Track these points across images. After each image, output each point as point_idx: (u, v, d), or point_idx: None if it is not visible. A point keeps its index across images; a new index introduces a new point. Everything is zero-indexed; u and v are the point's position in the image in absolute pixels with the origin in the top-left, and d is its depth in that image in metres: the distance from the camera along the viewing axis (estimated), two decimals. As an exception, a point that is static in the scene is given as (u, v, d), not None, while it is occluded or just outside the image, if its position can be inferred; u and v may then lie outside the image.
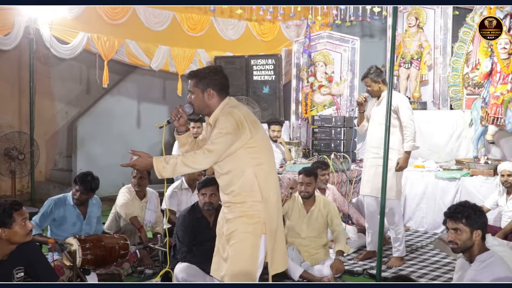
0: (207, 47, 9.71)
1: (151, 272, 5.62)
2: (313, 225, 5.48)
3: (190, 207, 5.31)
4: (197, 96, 3.62)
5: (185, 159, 3.41)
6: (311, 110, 9.34)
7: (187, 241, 5.08)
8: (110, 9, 8.46)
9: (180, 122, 3.73)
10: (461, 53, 8.31)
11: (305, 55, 9.44)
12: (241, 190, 3.55)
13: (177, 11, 9.22)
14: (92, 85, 10.12)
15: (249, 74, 9.41)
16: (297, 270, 5.22)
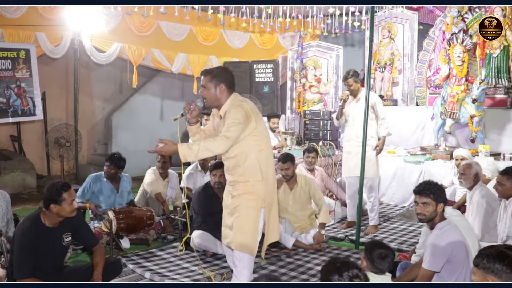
0: (218, 54, 9.73)
1: (172, 237, 5.69)
2: (297, 200, 5.50)
3: (204, 185, 5.36)
4: (210, 91, 3.57)
5: (207, 144, 3.38)
6: (303, 106, 9.36)
7: (202, 213, 5.14)
8: (138, 23, 8.48)
9: (193, 114, 3.67)
10: (424, 60, 8.37)
11: (298, 60, 9.46)
12: (245, 171, 3.56)
13: (193, 24, 9.23)
14: (124, 86, 10.16)
15: (252, 76, 9.44)
16: (289, 240, 5.28)
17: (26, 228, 3.60)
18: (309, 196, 5.52)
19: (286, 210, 5.50)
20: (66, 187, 3.61)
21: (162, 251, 5.18)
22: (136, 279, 4.38)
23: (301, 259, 4.98)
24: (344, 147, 6.11)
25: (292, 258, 5.01)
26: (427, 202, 3.37)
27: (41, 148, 9.05)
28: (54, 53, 7.61)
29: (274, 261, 4.89)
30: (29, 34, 7.29)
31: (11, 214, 5.03)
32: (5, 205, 4.88)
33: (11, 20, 6.99)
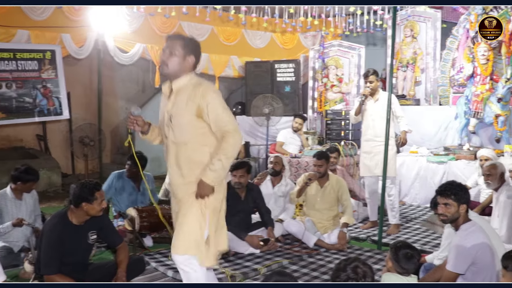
0: (239, 54, 9.74)
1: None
2: (326, 198, 5.49)
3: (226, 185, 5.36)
4: (176, 58, 3.00)
5: (225, 154, 2.94)
6: (324, 105, 9.32)
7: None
8: (161, 24, 8.53)
9: (139, 124, 3.20)
10: (448, 59, 8.23)
11: (320, 60, 9.43)
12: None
13: (215, 25, 9.26)
14: (146, 86, 10.23)
15: (274, 76, 9.42)
16: (312, 239, 5.26)
17: (54, 225, 3.66)
18: (338, 196, 5.49)
19: (313, 207, 5.49)
20: (99, 186, 3.68)
21: (184, 249, 5.20)
22: (158, 277, 4.40)
23: (323, 259, 4.95)
24: (363, 147, 6.08)
25: (314, 257, 4.99)
26: (448, 203, 3.32)
27: (66, 147, 9.18)
28: (79, 54, 7.71)
29: (296, 261, 4.86)
30: (55, 35, 7.40)
31: (39, 211, 5.12)
32: (33, 203, 4.97)
33: (38, 22, 7.11)
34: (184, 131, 3.00)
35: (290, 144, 8.01)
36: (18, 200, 4.82)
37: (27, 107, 7.29)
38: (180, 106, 3.00)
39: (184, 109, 2.97)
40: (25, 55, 7.11)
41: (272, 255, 5.01)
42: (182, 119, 2.99)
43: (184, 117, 2.98)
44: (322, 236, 5.33)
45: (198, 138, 3.00)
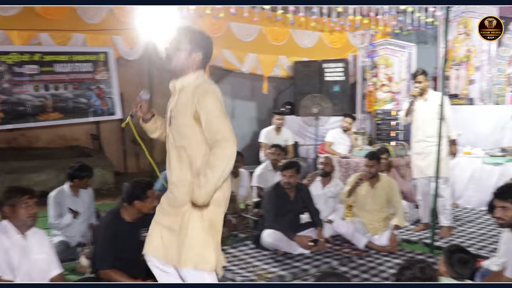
0: (287, 54, 9.70)
1: (243, 236, 5.75)
2: (377, 199, 5.41)
3: (275, 185, 5.37)
4: (181, 53, 2.71)
5: (211, 167, 2.51)
6: (374, 105, 9.18)
7: (273, 212, 5.15)
8: (210, 25, 8.59)
9: (143, 110, 2.95)
10: (504, 56, 7.92)
11: (369, 59, 9.29)
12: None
13: (263, 25, 9.25)
14: (196, 86, 10.35)
15: (322, 76, 9.34)
16: (361, 240, 5.19)
17: (108, 222, 3.78)
18: (388, 198, 5.40)
19: (363, 208, 5.42)
20: (151, 185, 3.77)
21: (234, 248, 5.24)
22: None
23: (373, 261, 4.88)
24: (414, 148, 5.95)
25: (364, 259, 4.92)
26: (506, 206, 3.20)
27: (119, 146, 9.43)
28: (130, 55, 7.88)
29: (345, 262, 4.82)
30: (108, 38, 7.60)
31: (94, 208, 5.30)
32: (89, 199, 5.16)
33: (92, 26, 7.32)
34: (183, 135, 2.68)
35: (339, 144, 7.92)
36: (75, 197, 5.01)
37: (82, 108, 7.52)
38: (180, 107, 2.70)
39: (183, 111, 2.67)
40: (80, 57, 7.34)
41: (321, 256, 4.98)
42: (180, 122, 2.69)
43: (183, 119, 2.67)
44: (372, 238, 5.25)
45: (198, 144, 2.66)
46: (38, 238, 3.43)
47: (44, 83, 7.01)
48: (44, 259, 3.42)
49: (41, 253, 3.41)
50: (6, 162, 8.51)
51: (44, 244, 3.46)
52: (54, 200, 4.94)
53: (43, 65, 6.91)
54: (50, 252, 3.50)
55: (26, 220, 3.30)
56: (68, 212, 4.85)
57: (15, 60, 6.66)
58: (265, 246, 5.11)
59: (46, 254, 3.44)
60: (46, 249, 3.46)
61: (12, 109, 6.74)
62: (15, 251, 3.25)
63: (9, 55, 6.60)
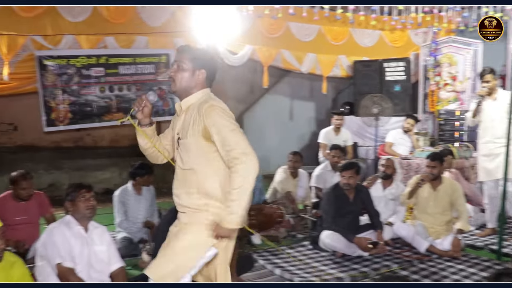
0: (347, 53, 9.58)
1: (301, 236, 5.74)
2: (439, 202, 5.25)
3: (334, 185, 5.32)
4: (184, 73, 2.62)
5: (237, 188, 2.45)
6: (436, 105, 8.90)
7: (331, 213, 5.11)
8: (269, 25, 8.63)
9: (144, 113, 2.74)
10: None
11: (432, 57, 9.02)
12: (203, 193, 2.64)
13: (322, 24, 9.18)
14: (255, 86, 10.42)
15: (383, 75, 9.17)
16: (423, 244, 5.05)
17: (170, 220, 3.85)
18: (451, 201, 5.23)
19: (425, 211, 5.28)
20: None
21: (292, 249, 5.24)
22: (266, 275, 4.48)
23: (435, 266, 4.73)
24: (481, 149, 5.72)
25: (425, 264, 4.78)
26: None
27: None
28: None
29: (406, 266, 4.70)
30: (169, 40, 7.78)
31: (156, 206, 5.46)
32: (151, 198, 5.33)
33: (154, 28, 7.52)
34: (192, 156, 2.58)
35: (399, 145, 7.75)
36: (138, 196, 5.18)
37: (144, 108, 7.75)
38: (187, 127, 2.59)
39: (191, 130, 2.57)
40: (143, 59, 7.58)
41: (380, 259, 4.90)
42: (188, 142, 2.58)
43: (191, 139, 2.57)
44: (434, 242, 5.10)
45: (207, 164, 2.56)
46: (98, 232, 3.61)
47: (109, 85, 7.30)
48: (104, 251, 3.57)
49: (101, 245, 3.58)
50: (73, 160, 8.91)
51: (104, 238, 3.62)
52: (118, 199, 5.13)
53: (109, 67, 7.20)
54: (110, 246, 3.65)
55: (85, 212, 3.51)
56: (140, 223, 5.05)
57: (83, 63, 6.97)
58: (323, 247, 5.08)
59: (105, 247, 3.59)
60: (106, 243, 3.61)
61: (79, 110, 7.06)
62: (76, 242, 3.44)
63: (77, 59, 6.92)
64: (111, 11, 7.03)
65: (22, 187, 4.56)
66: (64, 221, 3.52)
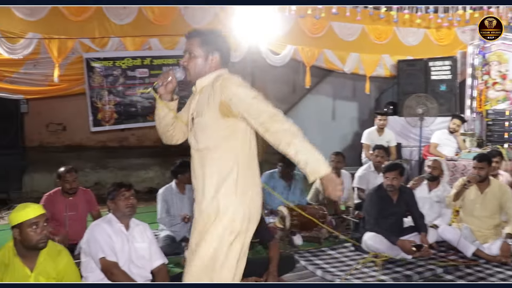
0: (391, 53, 9.44)
1: (343, 238, 5.69)
2: (486, 205, 5.10)
3: (377, 187, 5.25)
4: (196, 60, 2.54)
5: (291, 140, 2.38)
6: (484, 105, 8.65)
7: (374, 215, 5.04)
8: (311, 25, 8.61)
9: (168, 88, 2.64)
10: None
11: (480, 55, 8.77)
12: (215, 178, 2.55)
13: (365, 23, 9.08)
14: (297, 86, 10.41)
15: (428, 74, 8.98)
16: (469, 248, 4.92)
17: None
18: (500, 204, 5.08)
19: (471, 214, 5.15)
20: None
21: (334, 250, 5.21)
22: (307, 276, 4.47)
23: (482, 271, 4.59)
24: None
25: (472, 269, 4.65)
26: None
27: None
28: (233, 57, 8.10)
29: (451, 271, 4.59)
30: (213, 41, 7.89)
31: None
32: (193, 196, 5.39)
33: (198, 29, 7.65)
34: (206, 134, 2.49)
35: (445, 146, 7.58)
36: (181, 195, 5.28)
37: (187, 108, 7.87)
38: (202, 105, 2.51)
39: (206, 107, 2.49)
40: (186, 60, 7.72)
41: (424, 262, 4.79)
42: (204, 120, 2.50)
43: (206, 116, 2.48)
44: (482, 246, 4.95)
45: (223, 141, 2.47)
46: (139, 230, 3.68)
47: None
48: (145, 248, 3.64)
49: (142, 242, 3.64)
50: (118, 159, 9.15)
51: (145, 235, 3.68)
52: (162, 197, 5.24)
53: (153, 68, 7.36)
54: (152, 243, 3.71)
55: (125, 211, 3.58)
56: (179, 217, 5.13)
57: (128, 64, 7.16)
58: (365, 249, 5.02)
59: (147, 244, 3.65)
60: (147, 240, 3.67)
61: (124, 110, 7.26)
62: (117, 239, 3.52)
63: (123, 60, 7.11)
64: (155, 13, 7.19)
65: (66, 180, 4.75)
66: (106, 219, 3.63)
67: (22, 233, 2.92)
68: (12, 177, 7.58)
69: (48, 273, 3.04)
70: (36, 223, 2.94)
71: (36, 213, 2.98)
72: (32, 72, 6.64)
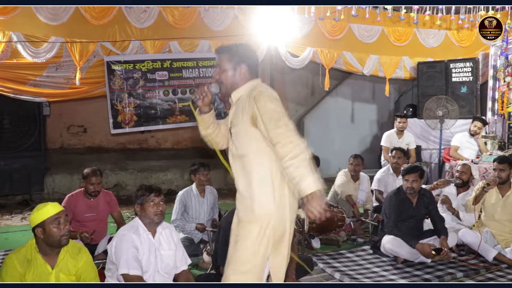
0: (411, 54, 9.40)
1: (362, 240, 5.70)
2: (508, 209, 5.06)
3: (396, 190, 5.24)
4: (227, 73, 2.77)
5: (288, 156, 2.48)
6: (507, 107, 8.55)
7: (393, 218, 5.03)
8: (330, 27, 8.62)
9: (204, 101, 2.86)
10: None
11: (502, 57, 8.64)
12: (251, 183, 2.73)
13: (385, 25, 9.06)
14: (316, 89, 10.43)
15: (448, 76, 8.92)
16: (491, 252, 4.88)
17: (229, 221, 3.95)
18: None
19: (492, 218, 5.12)
20: None
21: (352, 253, 5.22)
22: (326, 279, 4.48)
23: (504, 276, 4.56)
24: None
25: (493, 273, 4.62)
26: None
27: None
28: (254, 60, 8.17)
29: (472, 275, 4.56)
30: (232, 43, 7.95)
31: (217, 208, 5.59)
32: (213, 200, 5.47)
33: (217, 32, 7.70)
34: (242, 143, 2.72)
35: (466, 149, 7.51)
36: (201, 198, 5.33)
37: (206, 111, 7.93)
38: (238, 115, 2.73)
39: (240, 117, 2.71)
40: (206, 63, 7.78)
41: (444, 266, 4.78)
42: (239, 129, 2.73)
43: (241, 127, 2.71)
44: (504, 250, 4.91)
45: (258, 151, 2.66)
46: (166, 234, 3.55)
47: (173, 88, 7.54)
48: (171, 255, 3.53)
49: (169, 249, 3.53)
50: (138, 161, 9.27)
51: (171, 240, 3.57)
52: (180, 198, 5.29)
53: (172, 71, 7.45)
54: (178, 247, 3.60)
55: (154, 217, 3.41)
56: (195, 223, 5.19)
57: (148, 67, 7.26)
58: (384, 252, 5.02)
59: (173, 250, 3.54)
60: (173, 246, 3.56)
61: (144, 113, 7.36)
62: (144, 249, 3.40)
63: (143, 63, 7.22)
64: (175, 17, 7.29)
65: (91, 182, 4.82)
66: (133, 227, 3.44)
67: (46, 231, 2.99)
68: (34, 178, 7.74)
69: (68, 270, 3.11)
70: (58, 219, 3.02)
71: (57, 209, 3.05)
72: (55, 75, 6.79)
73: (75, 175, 8.16)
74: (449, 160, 7.55)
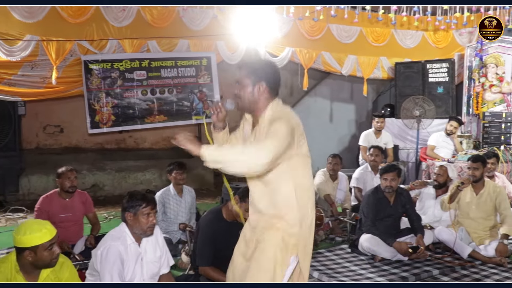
0: (388, 55, 9.51)
1: (340, 239, 5.74)
2: (482, 207, 5.15)
3: (374, 189, 5.30)
4: (245, 89, 2.72)
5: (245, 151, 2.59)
6: (481, 107, 8.71)
7: (371, 217, 5.09)
8: (309, 27, 8.68)
9: (219, 117, 2.86)
10: None
11: (477, 58, 8.82)
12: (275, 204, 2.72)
13: (363, 26, 9.15)
14: (294, 89, 10.48)
15: (425, 77, 9.05)
16: (465, 249, 4.97)
17: (209, 221, 3.96)
18: (495, 205, 5.13)
19: (467, 216, 5.20)
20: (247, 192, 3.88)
21: (330, 252, 5.26)
22: (305, 277, 4.51)
23: (478, 272, 4.65)
24: None
25: (468, 270, 4.71)
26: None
27: (219, 148, 9.77)
28: (232, 60, 8.17)
29: (447, 272, 4.64)
30: (211, 43, 7.93)
31: (195, 208, 5.58)
32: (191, 200, 5.45)
33: (196, 32, 7.69)
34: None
35: (442, 148, 7.64)
36: (179, 197, 5.32)
37: (185, 111, 7.92)
38: (260, 135, 2.69)
39: (262, 138, 2.65)
40: (184, 62, 7.75)
41: (421, 264, 4.85)
42: None
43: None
44: (478, 248, 5.01)
45: (279, 175, 2.66)
46: (151, 240, 3.42)
47: (151, 88, 7.49)
48: (156, 261, 3.43)
49: (154, 256, 3.43)
50: (116, 161, 9.18)
51: (156, 246, 3.45)
52: (159, 199, 5.25)
53: (151, 70, 7.41)
54: (163, 251, 3.49)
55: (146, 230, 3.28)
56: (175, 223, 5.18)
57: (126, 66, 7.21)
58: (362, 251, 5.08)
59: (158, 255, 3.44)
60: (159, 251, 3.45)
61: (122, 112, 7.30)
62: (131, 261, 3.27)
63: (121, 62, 7.17)
64: (154, 16, 7.25)
65: (68, 177, 4.75)
66: (120, 238, 3.26)
67: (37, 255, 2.82)
68: (8, 179, 7.62)
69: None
70: (52, 244, 2.87)
71: (52, 234, 2.90)
72: (30, 74, 6.69)
73: (51, 176, 8.03)
74: (426, 160, 7.67)
